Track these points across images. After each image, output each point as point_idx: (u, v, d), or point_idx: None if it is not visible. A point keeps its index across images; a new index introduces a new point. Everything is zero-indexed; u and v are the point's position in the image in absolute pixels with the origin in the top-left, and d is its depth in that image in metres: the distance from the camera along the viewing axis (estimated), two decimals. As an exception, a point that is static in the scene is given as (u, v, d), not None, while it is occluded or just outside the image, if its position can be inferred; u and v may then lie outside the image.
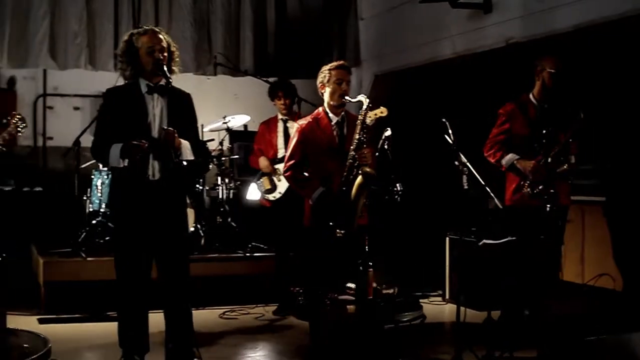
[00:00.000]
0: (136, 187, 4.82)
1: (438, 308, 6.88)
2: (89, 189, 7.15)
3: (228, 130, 7.55)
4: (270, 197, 6.70)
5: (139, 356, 4.94)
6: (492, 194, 4.88)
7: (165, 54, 4.88)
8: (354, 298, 4.60)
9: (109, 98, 4.99)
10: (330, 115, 5.30)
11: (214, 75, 8.49)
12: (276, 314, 6.53)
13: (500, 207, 4.94)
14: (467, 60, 7.51)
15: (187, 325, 5.04)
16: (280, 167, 6.56)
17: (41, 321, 6.24)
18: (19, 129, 5.51)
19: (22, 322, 6.21)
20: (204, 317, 6.40)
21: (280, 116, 6.82)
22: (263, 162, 6.78)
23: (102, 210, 7.01)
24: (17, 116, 5.53)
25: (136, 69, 4.89)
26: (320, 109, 5.37)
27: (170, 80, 4.81)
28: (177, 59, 5.04)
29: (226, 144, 8.32)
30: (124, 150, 4.71)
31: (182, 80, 8.57)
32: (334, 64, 5.37)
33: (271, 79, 7.59)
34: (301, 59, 8.72)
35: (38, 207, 7.74)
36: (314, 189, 5.19)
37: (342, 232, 4.87)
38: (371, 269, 4.43)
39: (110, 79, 7.66)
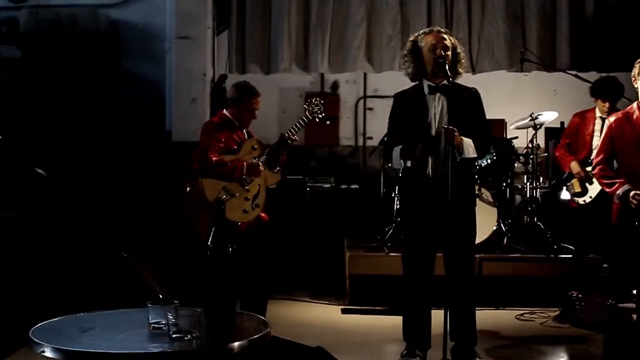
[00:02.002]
0: (418, 186, 4.94)
1: None
2: (397, 187, 7.39)
3: (535, 127, 7.33)
4: (580, 200, 6.42)
5: (421, 351, 5.04)
6: None
7: (449, 54, 4.92)
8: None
9: (396, 101, 5.17)
10: None
11: (521, 71, 8.29)
12: (556, 320, 6.17)
13: None
14: None
15: (470, 323, 5.04)
16: None
17: (344, 311, 6.59)
18: (315, 114, 5.84)
19: (327, 311, 6.65)
20: (501, 317, 6.33)
21: (599, 113, 6.48)
22: (575, 167, 6.49)
23: (408, 207, 7.20)
24: (314, 102, 5.87)
25: (419, 68, 5.01)
26: (635, 103, 5.11)
27: (451, 78, 4.82)
28: (463, 61, 5.05)
29: (540, 142, 8.11)
30: (402, 152, 4.85)
31: (498, 78, 8.65)
32: None
33: (582, 74, 7.24)
34: (622, 51, 8.20)
35: (353, 204, 8.14)
36: (620, 186, 4.95)
37: None
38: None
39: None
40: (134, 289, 5.80)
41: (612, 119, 5.15)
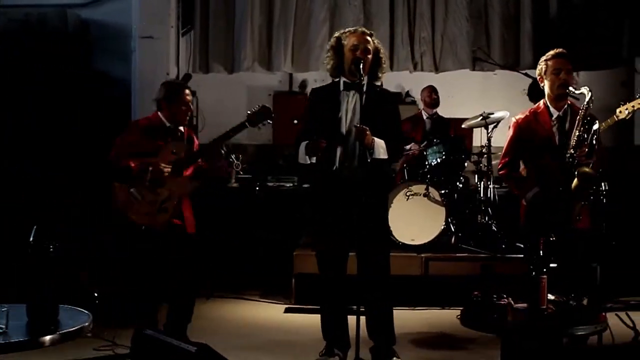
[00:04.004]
0: (325, 183, 4.94)
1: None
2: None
3: (486, 126, 7.29)
4: None
5: (340, 351, 5.03)
6: None
7: (370, 56, 4.92)
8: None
9: (311, 96, 5.18)
10: (551, 109, 4.96)
11: (473, 69, 8.28)
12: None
13: None
14: None
15: (387, 323, 5.03)
16: None
17: (287, 310, 6.61)
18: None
19: (272, 310, 6.66)
20: (442, 317, 6.30)
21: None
22: None
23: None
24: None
25: (339, 65, 5.00)
26: (541, 102, 5.05)
27: (363, 78, 4.82)
28: (385, 65, 5.04)
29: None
30: (307, 148, 4.85)
31: (466, 77, 8.64)
32: (551, 52, 5.01)
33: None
34: (588, 50, 8.16)
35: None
36: (529, 189, 4.92)
37: (555, 236, 4.53)
38: (545, 276, 4.06)
39: (398, 78, 7.91)
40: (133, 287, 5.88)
41: (519, 117, 5.03)
